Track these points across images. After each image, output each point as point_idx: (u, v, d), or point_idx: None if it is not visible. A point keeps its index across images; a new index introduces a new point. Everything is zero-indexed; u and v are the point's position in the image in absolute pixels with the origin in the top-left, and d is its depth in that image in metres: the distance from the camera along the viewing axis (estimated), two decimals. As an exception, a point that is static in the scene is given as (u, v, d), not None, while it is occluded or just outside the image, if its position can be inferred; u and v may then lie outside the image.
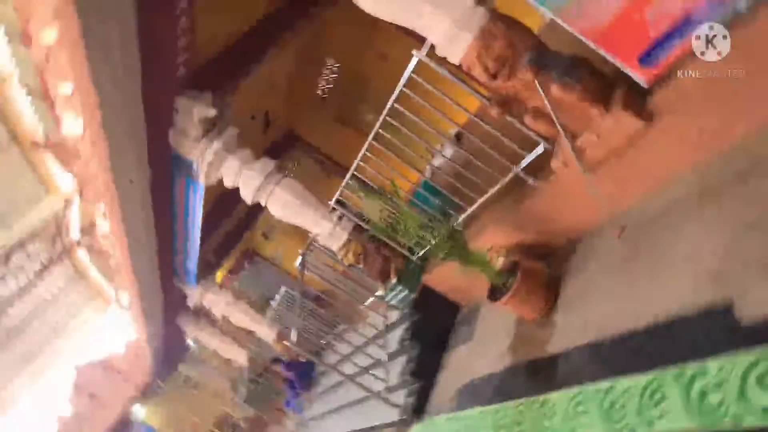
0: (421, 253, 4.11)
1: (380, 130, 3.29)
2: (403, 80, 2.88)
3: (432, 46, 2.55)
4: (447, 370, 3.86)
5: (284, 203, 4.27)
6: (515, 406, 2.66)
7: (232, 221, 7.58)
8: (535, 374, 2.70)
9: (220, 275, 9.83)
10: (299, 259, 4.66)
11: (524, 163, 2.93)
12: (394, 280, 4.28)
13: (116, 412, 11.52)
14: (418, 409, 3.77)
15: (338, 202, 4.32)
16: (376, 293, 4.50)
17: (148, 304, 7.25)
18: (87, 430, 11.30)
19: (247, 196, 4.30)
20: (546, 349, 2.70)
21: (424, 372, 3.95)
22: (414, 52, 2.65)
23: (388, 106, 3.08)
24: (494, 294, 3.07)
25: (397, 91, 2.97)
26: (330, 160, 9.08)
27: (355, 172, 3.75)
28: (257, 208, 4.51)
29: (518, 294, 2.92)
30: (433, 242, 3.10)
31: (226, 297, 7.78)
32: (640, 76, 2.16)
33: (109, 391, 12.15)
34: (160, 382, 12.57)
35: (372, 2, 2.42)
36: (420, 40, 2.60)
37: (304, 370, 7.23)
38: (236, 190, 4.35)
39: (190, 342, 11.46)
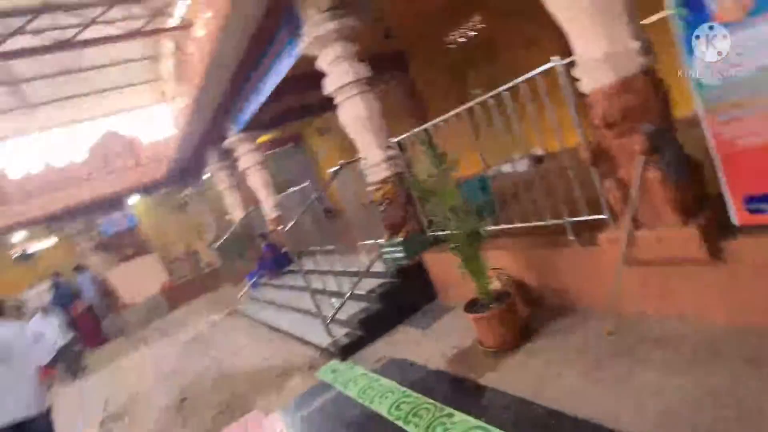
0: (436, 232, 4.14)
1: (477, 106, 3.22)
2: (527, 75, 2.78)
3: (572, 63, 2.44)
4: (390, 338, 4.00)
5: (354, 113, 4.30)
6: (424, 402, 2.78)
7: (302, 100, 7.66)
8: (458, 390, 2.78)
9: (263, 138, 10.07)
10: (336, 168, 4.73)
11: (577, 219, 2.87)
12: (399, 239, 4.34)
13: (116, 185, 12.31)
14: (346, 351, 3.96)
15: (399, 143, 4.32)
16: (378, 240, 4.58)
17: (195, 118, 7.53)
18: (87, 182, 12.18)
19: (329, 87, 4.33)
20: (484, 377, 2.77)
21: (372, 328, 4.10)
22: (553, 58, 2.54)
23: (499, 90, 3.00)
24: (472, 307, 3.12)
25: (515, 82, 2.88)
26: (418, 102, 8.94)
27: (432, 127, 3.72)
28: (329, 104, 4.52)
29: (492, 320, 2.95)
30: (453, 231, 3.11)
31: (258, 157, 8.04)
32: (737, 214, 2.04)
33: (121, 165, 12.98)
34: (164, 190, 13.31)
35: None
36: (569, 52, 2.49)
37: (280, 258, 7.56)
38: (321, 76, 4.37)
39: (204, 176, 12.00)
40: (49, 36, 8.79)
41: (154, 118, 14.78)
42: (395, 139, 4.32)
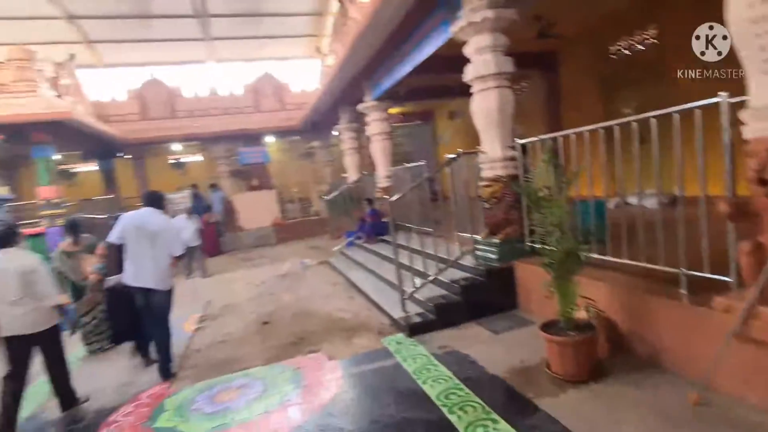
0: (535, 243, 4.02)
1: (618, 127, 3.01)
2: (684, 106, 2.52)
3: (740, 105, 2.17)
4: (459, 331, 4.04)
5: (486, 105, 4.26)
6: (473, 399, 2.83)
7: (440, 80, 7.73)
8: (511, 403, 2.76)
9: (395, 110, 10.40)
10: (454, 155, 4.76)
11: (697, 274, 2.60)
12: (496, 240, 4.30)
13: (261, 123, 13.75)
14: (414, 329, 4.10)
15: (523, 146, 4.21)
16: (475, 235, 4.58)
17: (338, 77, 8.00)
18: (240, 115, 13.89)
19: (469, 73, 4.33)
20: (540, 399, 2.71)
21: (445, 316, 4.18)
22: (721, 93, 2.27)
23: (647, 114, 2.77)
24: (550, 327, 3.02)
25: (669, 110, 2.63)
26: (556, 107, 8.48)
27: (562, 137, 3.57)
28: (465, 90, 4.52)
29: (567, 347, 2.85)
30: (552, 246, 3.01)
31: (385, 126, 8.37)
32: None
33: (268, 107, 14.50)
34: (296, 137, 14.50)
35: (740, 21, 2.02)
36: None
37: (379, 226, 7.91)
38: (464, 61, 4.38)
39: (332, 133, 12.76)
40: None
41: (304, 70, 16.04)
42: (521, 141, 4.22)
